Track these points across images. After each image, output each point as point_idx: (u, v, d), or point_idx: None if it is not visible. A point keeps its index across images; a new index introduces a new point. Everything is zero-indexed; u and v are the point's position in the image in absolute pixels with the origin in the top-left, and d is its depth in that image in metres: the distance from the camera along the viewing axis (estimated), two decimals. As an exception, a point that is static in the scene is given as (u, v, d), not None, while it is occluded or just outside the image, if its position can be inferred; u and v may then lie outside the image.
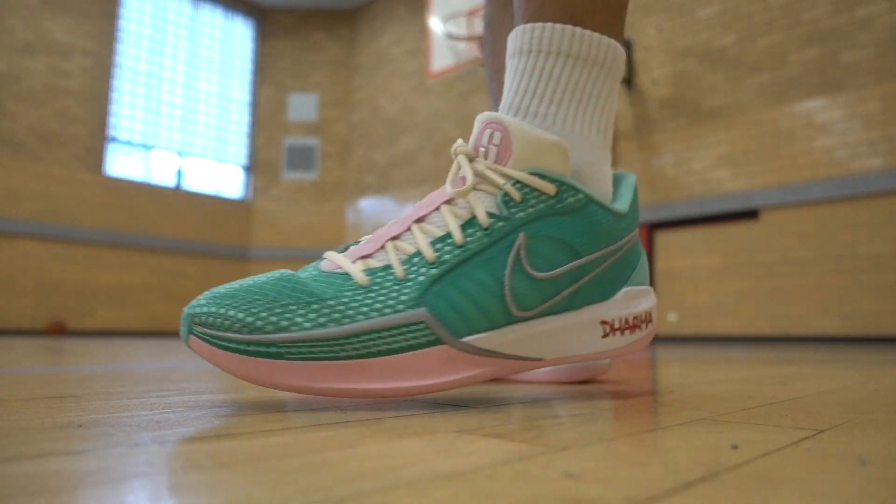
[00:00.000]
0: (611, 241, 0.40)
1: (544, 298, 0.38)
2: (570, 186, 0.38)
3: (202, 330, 0.34)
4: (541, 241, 0.37)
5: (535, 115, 0.41)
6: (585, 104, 0.41)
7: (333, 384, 0.34)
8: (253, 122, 6.41)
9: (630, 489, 0.17)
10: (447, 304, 0.35)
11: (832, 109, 3.34)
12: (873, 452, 0.23)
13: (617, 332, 0.41)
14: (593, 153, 0.41)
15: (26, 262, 4.75)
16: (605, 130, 0.42)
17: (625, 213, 0.41)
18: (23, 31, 4.90)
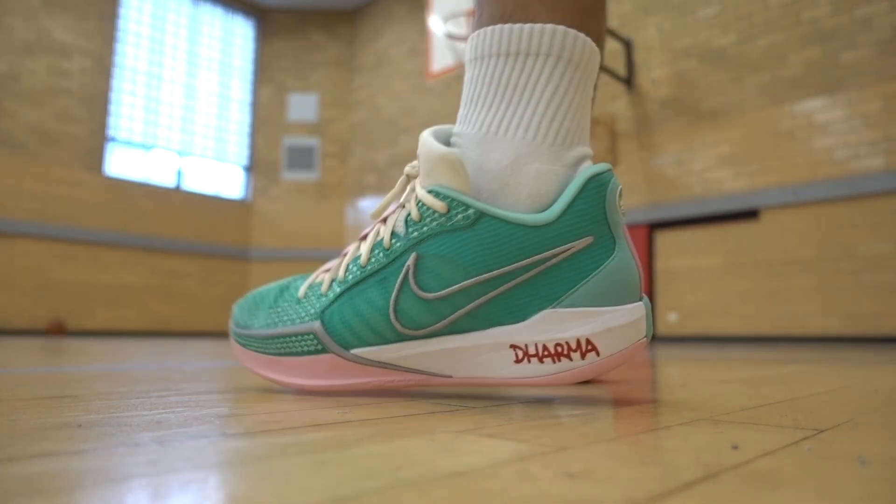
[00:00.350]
0: (518, 258, 0.35)
1: (440, 317, 0.37)
2: (458, 202, 0.36)
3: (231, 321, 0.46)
4: (433, 259, 0.37)
5: (462, 121, 0.40)
6: (515, 100, 0.38)
7: (265, 372, 0.43)
8: (253, 122, 6.41)
9: (630, 489, 0.17)
10: (340, 319, 0.39)
11: (832, 109, 3.34)
12: (873, 452, 0.23)
13: (533, 359, 0.36)
14: (517, 152, 0.37)
15: (26, 262, 4.75)
16: (541, 125, 0.37)
17: (545, 222, 0.35)
18: (22, 30, 4.90)
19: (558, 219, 0.35)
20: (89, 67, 5.24)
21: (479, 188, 0.38)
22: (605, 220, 0.36)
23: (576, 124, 0.38)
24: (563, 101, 0.38)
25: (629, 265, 0.36)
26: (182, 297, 5.61)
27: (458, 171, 0.37)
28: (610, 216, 0.36)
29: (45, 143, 4.94)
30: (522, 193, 0.37)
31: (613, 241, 0.36)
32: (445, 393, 0.45)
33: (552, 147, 0.38)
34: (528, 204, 0.37)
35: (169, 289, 5.54)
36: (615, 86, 4.29)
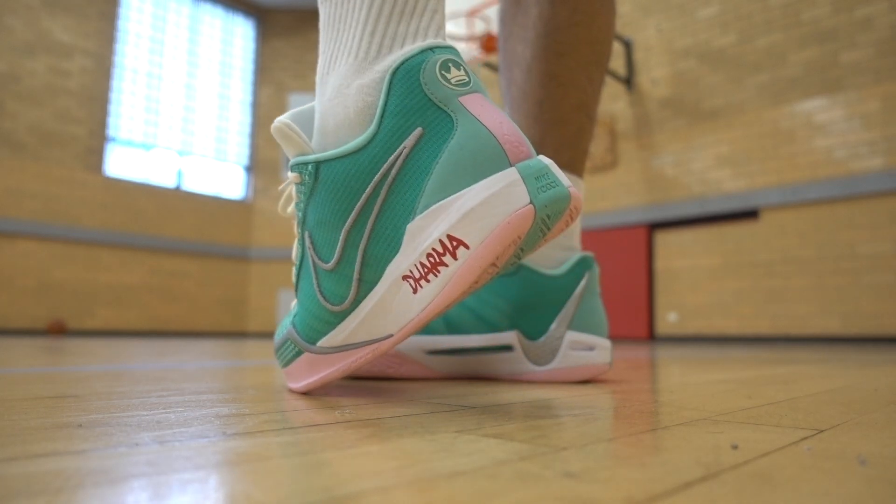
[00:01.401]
0: (362, 186, 0.33)
1: (349, 281, 0.35)
2: (301, 164, 0.36)
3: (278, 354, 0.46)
4: (315, 230, 0.36)
5: (316, 83, 0.40)
6: (336, 31, 0.36)
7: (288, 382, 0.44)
8: (253, 122, 6.41)
9: (630, 489, 0.17)
10: (300, 319, 0.41)
11: (832, 109, 3.34)
12: (873, 452, 0.23)
13: (422, 282, 0.32)
14: (342, 77, 0.35)
15: (26, 262, 4.75)
16: (361, 43, 0.35)
17: (372, 134, 0.32)
18: (23, 31, 4.90)
19: (379, 127, 0.32)
20: (89, 67, 5.24)
21: (326, 136, 0.36)
22: (429, 101, 0.31)
23: (395, 28, 0.35)
24: (384, 10, 0.35)
25: (476, 134, 0.31)
26: (182, 297, 5.60)
27: (289, 137, 0.36)
28: (433, 94, 0.31)
29: (45, 143, 4.94)
30: (351, 117, 0.34)
31: (450, 118, 0.31)
32: (445, 393, 0.45)
33: (370, 60, 0.35)
34: (361, 126, 0.34)
35: (169, 289, 5.53)
36: (615, 86, 4.29)
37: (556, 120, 0.60)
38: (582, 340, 0.56)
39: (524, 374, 0.56)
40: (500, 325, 0.55)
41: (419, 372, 0.57)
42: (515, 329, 0.55)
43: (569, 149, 0.60)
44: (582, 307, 0.56)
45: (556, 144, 0.60)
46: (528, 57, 0.61)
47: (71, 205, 5.03)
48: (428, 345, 0.56)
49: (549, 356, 0.56)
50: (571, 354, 0.55)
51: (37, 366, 0.75)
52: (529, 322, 0.55)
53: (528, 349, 0.56)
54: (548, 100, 0.60)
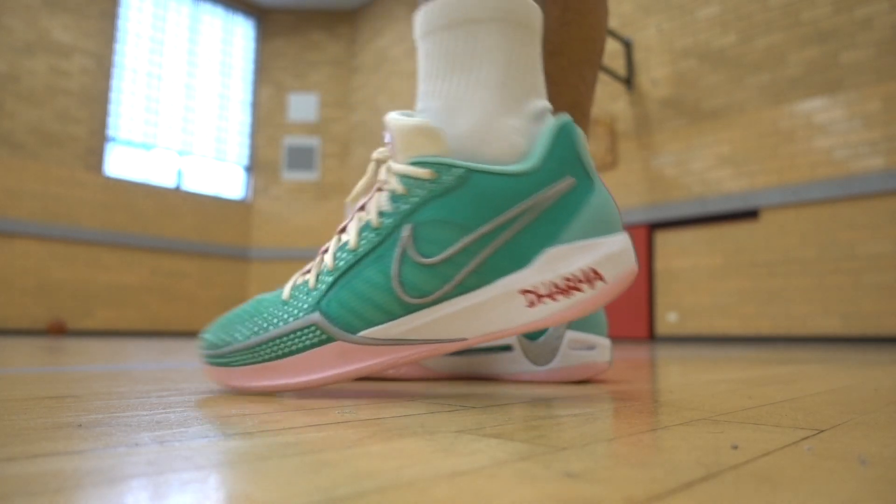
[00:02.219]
0: (511, 205, 0.37)
1: (445, 280, 0.38)
2: (444, 165, 0.38)
3: (201, 351, 0.43)
4: (428, 226, 0.38)
5: (425, 96, 0.42)
6: (469, 65, 0.40)
7: (260, 382, 0.40)
8: (253, 122, 6.41)
9: (630, 489, 0.17)
10: (339, 305, 0.39)
11: (832, 109, 3.34)
12: (873, 452, 0.23)
13: (546, 299, 0.37)
14: (485, 112, 0.40)
15: (26, 262, 4.75)
16: (506, 83, 0.40)
17: (531, 170, 0.37)
18: (23, 30, 4.90)
19: (541, 165, 0.38)
20: (89, 67, 5.24)
21: (454, 154, 0.40)
22: (580, 161, 0.39)
23: (531, 79, 0.41)
24: (517, 59, 0.40)
25: (608, 200, 0.39)
26: (182, 297, 5.60)
27: (435, 138, 0.38)
28: (583, 158, 0.39)
29: (45, 143, 4.94)
30: (498, 149, 0.39)
31: (591, 180, 0.39)
32: (445, 393, 0.45)
33: (515, 103, 0.40)
34: (506, 158, 0.39)
35: (169, 289, 5.53)
36: (615, 86, 4.29)
37: None
38: (582, 339, 0.55)
39: (524, 374, 0.56)
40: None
41: (418, 373, 0.57)
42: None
43: None
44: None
45: None
46: None
47: (71, 205, 5.04)
48: None
49: (548, 356, 0.56)
50: (571, 354, 0.55)
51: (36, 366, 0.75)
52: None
53: (527, 349, 0.56)
54: None
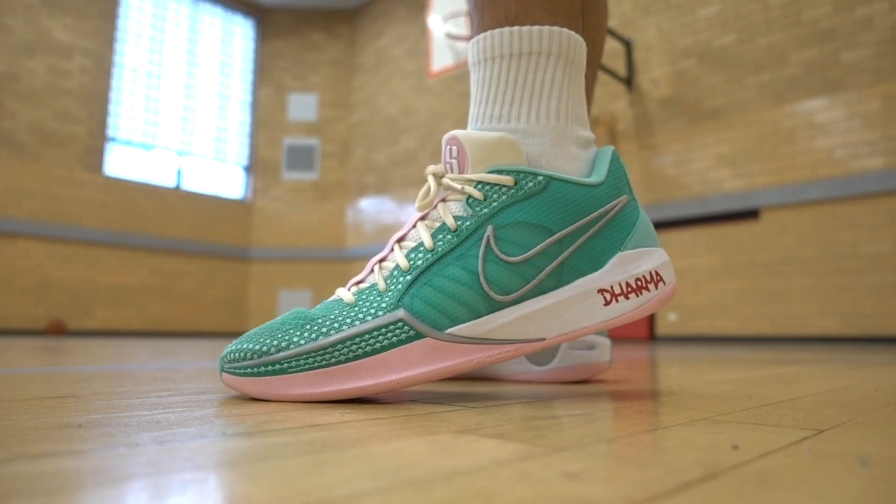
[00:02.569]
0: (587, 212, 0.41)
1: (526, 280, 0.39)
2: (526, 173, 0.40)
3: (228, 366, 0.40)
4: (510, 228, 0.40)
5: (492, 119, 0.44)
6: (538, 95, 0.43)
7: (331, 387, 0.38)
8: (253, 122, 6.41)
9: (630, 489, 0.17)
10: (423, 302, 0.39)
11: (832, 109, 3.34)
12: (873, 452, 0.23)
13: (620, 298, 0.41)
14: (553, 138, 0.43)
15: (26, 262, 4.75)
16: (566, 114, 0.44)
17: (600, 183, 0.42)
18: (22, 30, 4.90)
19: (605, 181, 0.42)
20: (89, 67, 5.24)
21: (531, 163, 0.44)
22: (629, 184, 0.44)
23: (581, 110, 0.46)
24: (573, 91, 0.45)
25: (648, 218, 0.46)
26: (182, 298, 5.60)
27: (516, 151, 0.41)
28: (628, 180, 0.45)
29: (44, 143, 4.94)
30: (562, 169, 0.43)
31: (636, 200, 0.45)
32: (445, 393, 0.45)
33: (572, 132, 0.44)
34: (576, 171, 0.43)
35: (169, 289, 5.53)
36: (615, 86, 4.29)
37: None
38: (581, 339, 0.55)
39: (524, 374, 0.56)
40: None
41: None
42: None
43: None
44: None
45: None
46: None
47: (70, 205, 5.04)
48: None
49: (548, 356, 0.56)
50: (571, 353, 0.55)
51: (36, 366, 0.75)
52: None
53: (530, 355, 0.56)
54: None
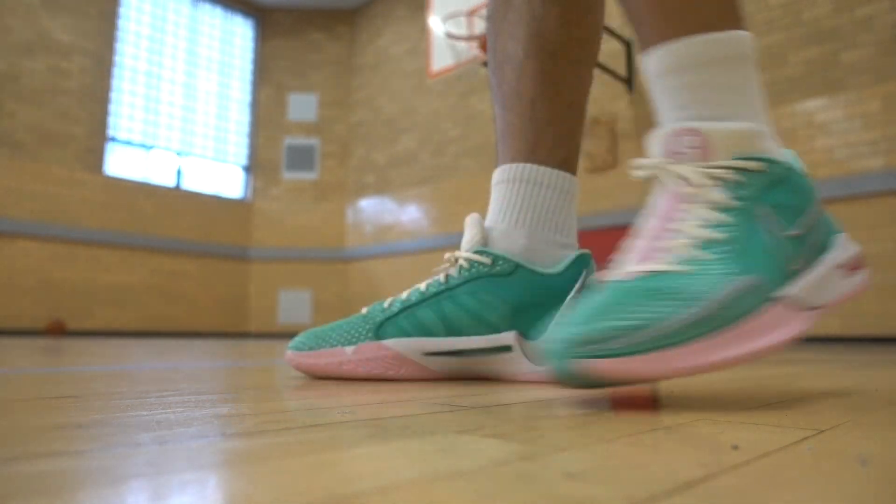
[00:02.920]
0: (816, 198, 0.45)
1: (799, 253, 0.43)
2: (773, 161, 0.44)
3: (590, 349, 0.35)
4: (778, 209, 0.43)
5: (709, 119, 0.47)
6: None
7: (715, 357, 0.36)
8: (253, 122, 6.41)
9: (630, 489, 0.17)
10: (757, 262, 0.40)
11: (832, 109, 3.34)
12: (874, 453, 0.23)
13: (850, 272, 0.45)
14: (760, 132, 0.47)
15: (26, 262, 4.75)
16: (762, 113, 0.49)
17: None
18: (22, 30, 4.90)
19: None
20: (89, 67, 5.24)
21: None
22: None
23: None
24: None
25: None
26: (182, 298, 5.60)
27: (764, 139, 0.44)
28: None
29: (44, 143, 4.94)
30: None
31: None
32: (445, 393, 0.45)
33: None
34: None
35: (169, 289, 5.53)
36: (615, 86, 4.29)
37: (550, 119, 0.61)
38: None
39: (524, 375, 0.56)
40: (498, 326, 0.56)
41: (418, 373, 0.58)
42: (514, 329, 0.56)
43: (562, 147, 0.62)
44: None
45: (550, 143, 0.61)
46: (521, 55, 0.62)
47: (70, 205, 5.04)
48: (426, 346, 0.57)
49: None
50: None
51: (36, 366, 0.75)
52: (528, 322, 0.56)
53: (527, 349, 0.56)
54: (540, 99, 0.61)
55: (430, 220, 5.43)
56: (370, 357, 0.57)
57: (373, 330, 0.57)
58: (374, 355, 0.57)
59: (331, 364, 0.57)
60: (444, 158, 5.46)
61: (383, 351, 0.57)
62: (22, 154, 4.82)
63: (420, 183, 5.62)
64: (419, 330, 0.57)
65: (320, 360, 0.58)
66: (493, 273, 0.56)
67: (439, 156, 5.51)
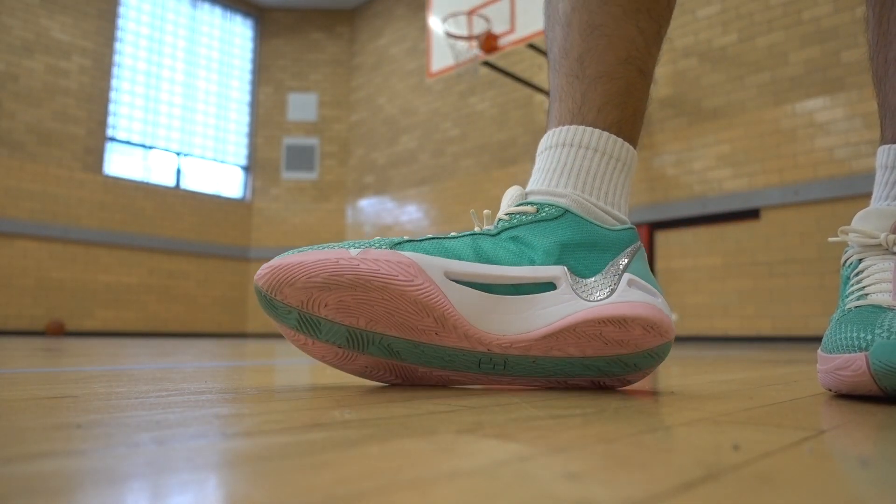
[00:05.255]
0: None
1: None
2: None
3: None
4: None
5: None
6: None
7: None
8: (252, 121, 6.41)
9: (630, 489, 0.17)
10: None
11: (833, 109, 3.34)
12: (874, 453, 0.23)
13: None
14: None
15: (25, 262, 4.75)
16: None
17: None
18: (21, 30, 4.89)
19: None
20: (88, 67, 5.23)
21: None
22: None
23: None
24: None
25: None
26: (181, 298, 5.60)
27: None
28: None
29: (43, 143, 4.94)
30: None
31: None
32: (445, 393, 0.45)
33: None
34: None
35: (168, 289, 5.53)
36: (615, 85, 4.29)
37: (600, 75, 0.53)
38: (642, 285, 0.47)
39: (575, 316, 0.45)
40: (543, 261, 0.47)
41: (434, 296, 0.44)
42: (563, 265, 0.47)
43: (615, 108, 0.53)
44: (636, 264, 0.49)
45: (599, 103, 0.53)
46: (568, 10, 0.55)
47: (69, 205, 5.03)
48: (451, 267, 0.45)
49: (605, 291, 0.46)
50: (632, 291, 0.46)
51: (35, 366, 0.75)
52: (579, 260, 0.47)
53: (577, 286, 0.46)
54: (589, 54, 0.54)
55: (430, 220, 5.43)
56: (378, 258, 0.44)
57: (387, 245, 0.46)
58: (384, 258, 0.44)
59: (323, 262, 0.44)
60: (443, 158, 5.46)
61: (398, 257, 0.44)
62: (21, 154, 4.82)
63: (420, 183, 5.62)
64: (445, 252, 0.46)
65: (308, 258, 0.44)
66: (538, 219, 0.49)
67: (439, 156, 5.51)
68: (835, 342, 0.45)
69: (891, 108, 0.59)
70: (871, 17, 0.62)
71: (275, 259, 0.45)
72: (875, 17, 0.61)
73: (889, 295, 0.48)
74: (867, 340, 0.41)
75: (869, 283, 0.50)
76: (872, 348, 0.40)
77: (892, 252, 0.51)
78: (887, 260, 0.51)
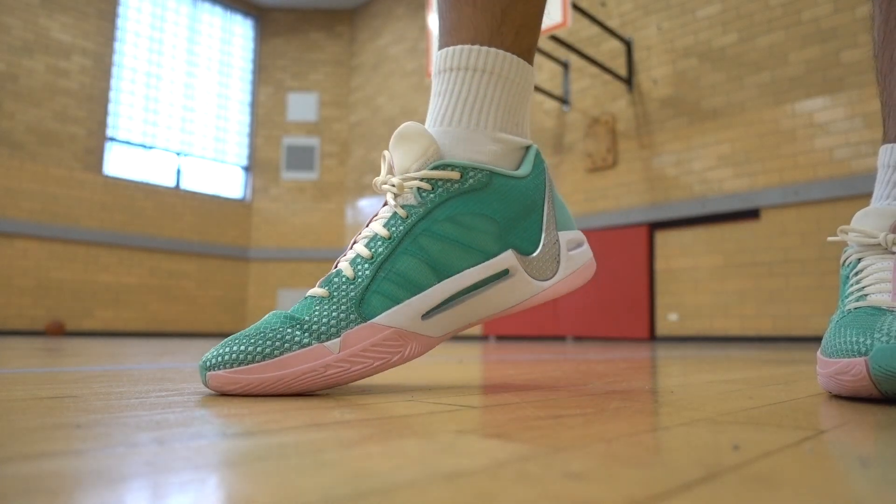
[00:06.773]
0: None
1: None
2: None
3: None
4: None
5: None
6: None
7: None
8: (252, 121, 6.41)
9: (630, 489, 0.17)
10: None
11: (833, 109, 3.34)
12: (874, 453, 0.23)
13: None
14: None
15: (25, 262, 4.75)
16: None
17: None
18: (21, 30, 4.89)
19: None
20: (88, 67, 5.23)
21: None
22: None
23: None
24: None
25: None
26: (181, 298, 5.60)
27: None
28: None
29: (43, 143, 4.94)
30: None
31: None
32: (445, 393, 0.45)
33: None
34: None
35: (168, 289, 5.53)
36: (615, 85, 4.29)
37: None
38: (572, 238, 0.51)
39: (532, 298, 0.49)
40: (491, 248, 0.48)
41: (423, 346, 0.46)
42: (509, 248, 0.48)
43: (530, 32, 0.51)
44: (557, 207, 0.52)
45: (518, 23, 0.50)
46: None
47: (70, 205, 5.03)
48: (422, 307, 0.46)
49: (552, 266, 0.50)
50: (572, 256, 0.51)
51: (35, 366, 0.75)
52: (521, 235, 0.49)
53: (528, 265, 0.49)
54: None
55: (430, 219, 5.43)
56: (364, 347, 0.43)
57: (354, 308, 0.44)
58: (367, 341, 0.43)
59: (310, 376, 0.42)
60: (443, 158, 5.45)
61: (378, 332, 0.44)
62: (21, 154, 4.82)
63: (420, 183, 5.62)
64: (408, 286, 0.45)
65: (286, 371, 0.41)
66: (466, 189, 0.47)
67: (439, 155, 5.50)
68: (834, 346, 0.45)
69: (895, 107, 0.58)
70: (877, 14, 0.62)
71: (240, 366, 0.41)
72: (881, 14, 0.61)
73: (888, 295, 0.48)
74: (867, 345, 0.41)
75: (868, 282, 0.50)
76: (872, 353, 0.40)
77: (891, 251, 0.51)
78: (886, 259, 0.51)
